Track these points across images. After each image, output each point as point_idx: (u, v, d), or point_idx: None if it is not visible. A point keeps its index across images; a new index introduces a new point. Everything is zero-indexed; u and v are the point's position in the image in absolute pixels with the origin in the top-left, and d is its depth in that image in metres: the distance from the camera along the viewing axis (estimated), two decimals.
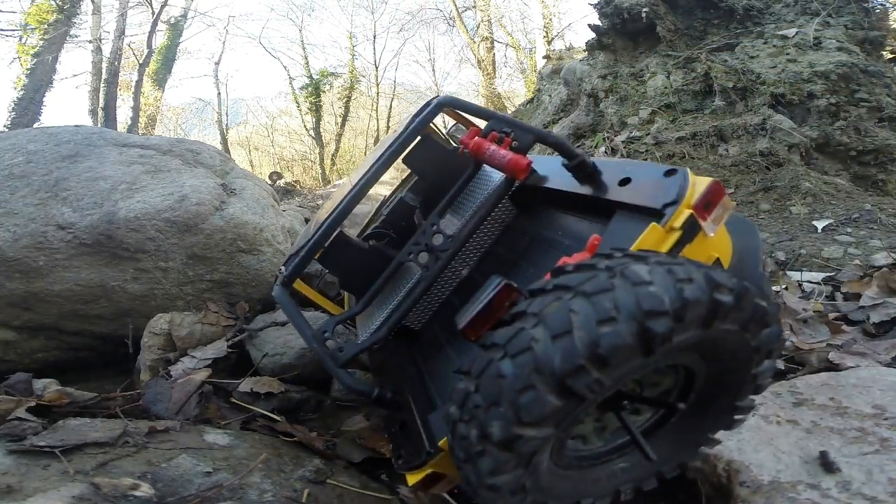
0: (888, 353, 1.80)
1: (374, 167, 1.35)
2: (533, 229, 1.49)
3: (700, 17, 5.85)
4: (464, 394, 0.75)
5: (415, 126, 1.37)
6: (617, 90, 5.88)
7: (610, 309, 0.65)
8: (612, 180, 1.19)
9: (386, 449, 1.61)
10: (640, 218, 1.03)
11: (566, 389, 0.65)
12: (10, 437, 1.31)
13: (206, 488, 1.23)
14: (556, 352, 0.65)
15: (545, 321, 0.68)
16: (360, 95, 22.00)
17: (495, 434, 0.69)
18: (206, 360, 2.07)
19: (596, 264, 0.73)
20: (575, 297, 0.68)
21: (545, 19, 18.29)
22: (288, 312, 1.33)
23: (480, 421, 0.70)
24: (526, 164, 1.29)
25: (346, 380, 1.23)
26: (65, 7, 12.89)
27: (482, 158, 1.35)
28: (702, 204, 0.95)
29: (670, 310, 0.65)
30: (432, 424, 1.08)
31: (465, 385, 0.75)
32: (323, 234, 1.36)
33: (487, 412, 0.69)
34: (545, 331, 0.67)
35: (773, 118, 4.43)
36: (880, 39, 5.01)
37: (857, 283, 2.53)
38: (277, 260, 2.61)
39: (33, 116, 12.50)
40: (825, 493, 0.95)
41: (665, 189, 1.01)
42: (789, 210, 3.61)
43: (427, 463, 1.00)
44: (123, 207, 2.21)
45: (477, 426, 0.71)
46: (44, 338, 2.32)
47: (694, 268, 0.71)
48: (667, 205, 0.96)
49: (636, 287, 0.66)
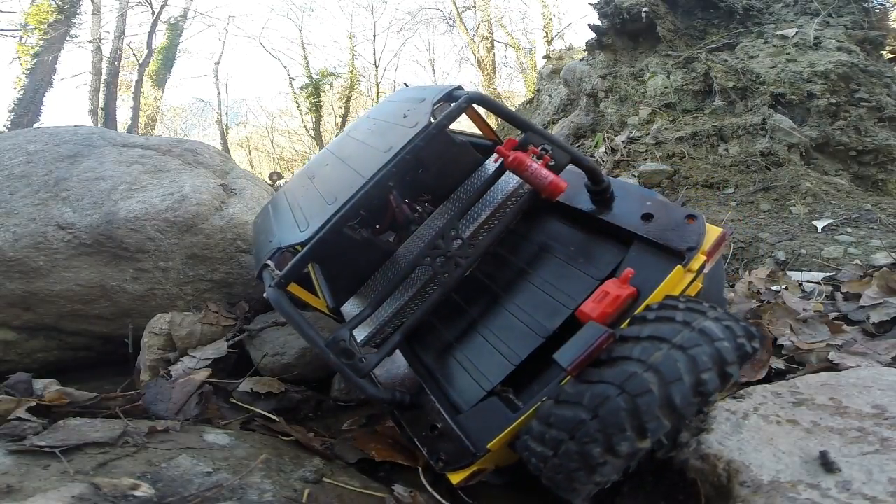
0: (888, 353, 1.80)
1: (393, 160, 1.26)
2: (539, 238, 1.52)
3: (700, 17, 5.85)
4: (576, 421, 0.92)
5: (440, 123, 1.30)
6: (617, 90, 5.88)
7: (706, 361, 0.88)
8: (634, 211, 1.31)
9: (378, 452, 1.60)
10: (660, 254, 1.20)
11: (680, 417, 0.88)
12: (10, 437, 1.31)
13: (206, 488, 1.22)
14: (675, 393, 0.86)
15: (659, 369, 0.89)
16: (360, 95, 22.02)
17: (623, 450, 0.87)
18: (206, 360, 2.07)
19: (673, 317, 0.95)
20: (673, 349, 0.90)
21: (545, 19, 18.30)
22: (289, 317, 1.23)
23: (608, 441, 0.88)
24: (564, 187, 1.31)
25: (370, 391, 1.25)
26: (65, 7, 12.89)
27: (522, 174, 1.31)
28: (712, 251, 1.17)
29: (737, 360, 0.91)
30: (469, 427, 1.18)
31: (576, 413, 0.93)
32: (330, 230, 1.25)
33: (614, 435, 0.87)
34: (658, 376, 0.88)
35: (773, 118, 4.43)
36: (880, 39, 5.01)
37: (857, 282, 2.53)
38: None
39: (33, 116, 12.51)
40: (825, 493, 0.95)
41: (687, 234, 1.18)
42: (789, 210, 3.61)
43: (475, 462, 1.12)
44: (123, 207, 2.21)
45: (602, 445, 0.89)
46: (44, 338, 2.32)
47: (737, 324, 0.95)
48: (689, 249, 1.15)
49: (715, 343, 0.90)
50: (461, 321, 1.48)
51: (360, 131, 1.67)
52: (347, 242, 1.60)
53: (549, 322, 1.29)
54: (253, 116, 24.34)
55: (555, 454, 0.95)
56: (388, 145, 1.32)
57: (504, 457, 1.18)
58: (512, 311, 1.39)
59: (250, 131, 23.97)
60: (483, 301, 1.48)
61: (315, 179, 1.58)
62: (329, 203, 1.30)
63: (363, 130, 1.65)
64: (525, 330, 1.32)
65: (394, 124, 1.45)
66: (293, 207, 1.51)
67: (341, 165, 1.50)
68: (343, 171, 1.44)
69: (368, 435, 1.77)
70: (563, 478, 0.95)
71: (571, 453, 0.92)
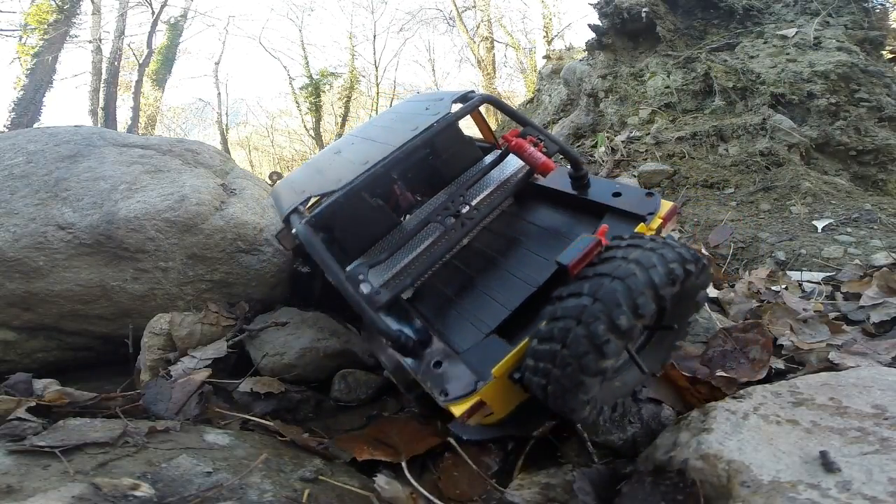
0: (888, 353, 1.80)
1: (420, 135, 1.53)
2: (528, 216, 1.81)
3: (700, 17, 5.85)
4: (581, 307, 1.08)
5: (458, 114, 1.63)
6: (617, 90, 5.88)
7: (673, 258, 1.13)
8: (606, 191, 1.66)
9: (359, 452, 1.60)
10: (628, 218, 1.55)
11: (660, 298, 1.09)
12: (10, 437, 1.31)
13: (206, 488, 1.22)
14: (655, 275, 1.09)
15: (640, 260, 1.11)
16: (360, 95, 22.02)
17: (623, 324, 1.04)
18: (206, 360, 2.07)
19: (643, 237, 1.21)
20: (647, 250, 1.14)
21: (545, 19, 18.31)
22: (317, 252, 1.37)
23: (611, 320, 1.04)
24: (553, 167, 1.64)
25: (380, 324, 1.35)
26: (65, 7, 12.89)
27: (522, 154, 1.64)
28: (668, 216, 1.54)
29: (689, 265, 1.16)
30: (472, 361, 1.30)
31: (578, 302, 1.10)
32: (363, 183, 1.45)
33: (617, 311, 1.04)
34: (639, 266, 1.10)
35: (773, 118, 4.43)
36: (880, 39, 5.01)
37: (857, 282, 2.53)
38: (278, 260, 2.61)
39: (33, 116, 12.51)
40: (825, 493, 0.95)
41: (647, 204, 1.56)
42: (789, 210, 3.61)
43: (478, 390, 1.23)
44: (123, 207, 2.21)
45: (605, 322, 1.05)
46: (44, 338, 2.32)
47: (686, 251, 1.19)
48: (649, 213, 1.51)
49: (676, 248, 1.17)
50: (459, 279, 1.67)
51: (384, 120, 1.91)
52: (362, 208, 1.76)
53: (539, 275, 1.51)
54: (253, 116, 24.36)
55: (563, 345, 1.09)
56: (415, 126, 1.58)
57: (502, 398, 1.30)
58: (506, 268, 1.63)
59: (250, 131, 23.98)
60: (480, 263, 1.70)
61: (342, 154, 1.80)
62: (361, 164, 1.52)
63: (387, 119, 1.90)
64: (518, 283, 1.54)
65: (417, 114, 1.73)
66: (323, 171, 1.71)
67: (369, 142, 1.72)
68: (372, 146, 1.66)
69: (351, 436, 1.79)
70: (570, 370, 1.08)
71: (580, 337, 1.07)
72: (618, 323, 1.04)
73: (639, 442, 1.49)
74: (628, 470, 1.33)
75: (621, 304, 1.05)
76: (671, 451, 1.22)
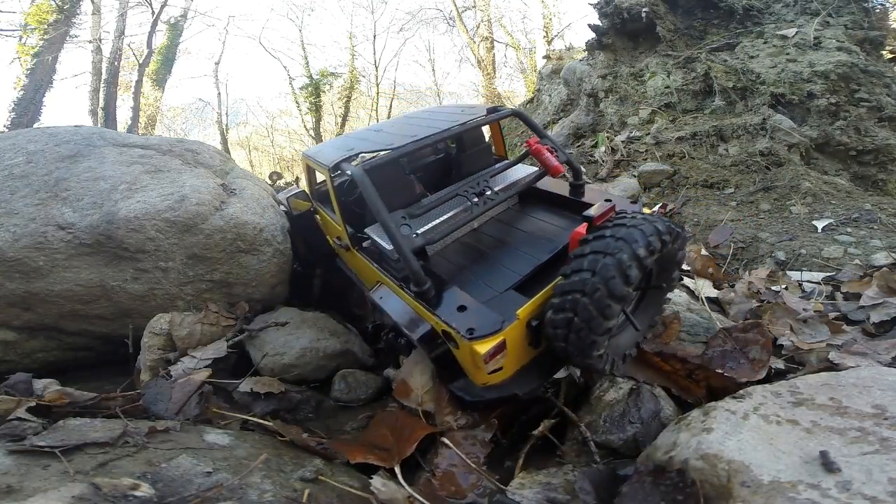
0: (888, 353, 1.80)
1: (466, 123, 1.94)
2: (530, 212, 2.16)
3: (700, 17, 5.85)
4: (584, 280, 1.35)
5: (491, 118, 2.06)
6: (617, 90, 5.88)
7: (651, 233, 1.39)
8: (599, 198, 1.96)
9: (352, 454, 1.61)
10: None
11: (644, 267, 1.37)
12: (10, 437, 1.31)
13: (206, 488, 1.22)
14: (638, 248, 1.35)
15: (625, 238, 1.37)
16: (360, 95, 21.99)
17: (618, 292, 1.32)
18: (206, 360, 2.07)
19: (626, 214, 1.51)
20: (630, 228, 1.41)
21: (545, 19, 18.30)
22: (369, 194, 1.58)
23: (608, 288, 1.32)
24: (563, 170, 1.94)
25: (413, 264, 1.54)
26: (65, 7, 12.88)
27: (539, 157, 1.93)
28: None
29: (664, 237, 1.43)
30: (494, 307, 1.49)
31: (581, 276, 1.36)
32: (413, 147, 1.78)
33: (612, 281, 1.31)
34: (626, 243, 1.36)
35: (773, 118, 4.43)
36: (880, 39, 5.01)
37: (857, 282, 2.53)
38: (278, 260, 2.61)
39: (33, 116, 12.49)
40: (825, 493, 0.95)
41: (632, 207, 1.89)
42: (789, 210, 3.61)
43: (503, 329, 1.41)
44: (123, 207, 2.21)
45: (606, 290, 1.32)
46: (44, 338, 2.32)
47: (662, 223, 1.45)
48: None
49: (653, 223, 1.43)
50: (472, 253, 1.92)
51: (421, 114, 2.27)
52: (397, 176, 1.98)
53: (546, 252, 1.80)
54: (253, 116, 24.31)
55: (575, 314, 1.35)
56: (455, 119, 1.96)
57: (516, 349, 1.50)
58: (514, 246, 1.90)
59: (250, 131, 23.94)
60: (490, 242, 1.98)
61: (384, 131, 2.07)
62: (409, 137, 1.83)
63: (424, 114, 2.25)
64: (526, 256, 1.80)
65: (455, 112, 2.12)
66: (368, 139, 1.99)
67: (412, 126, 2.02)
68: (417, 127, 1.98)
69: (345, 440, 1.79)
70: (583, 333, 1.36)
71: (587, 306, 1.33)
72: (614, 291, 1.32)
73: (639, 442, 1.49)
74: (628, 470, 1.33)
75: (615, 276, 1.32)
76: (671, 451, 1.22)
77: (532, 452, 1.62)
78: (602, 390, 1.69)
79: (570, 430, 1.65)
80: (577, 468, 1.43)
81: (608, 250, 1.35)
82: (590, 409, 1.65)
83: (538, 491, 1.35)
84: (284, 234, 2.72)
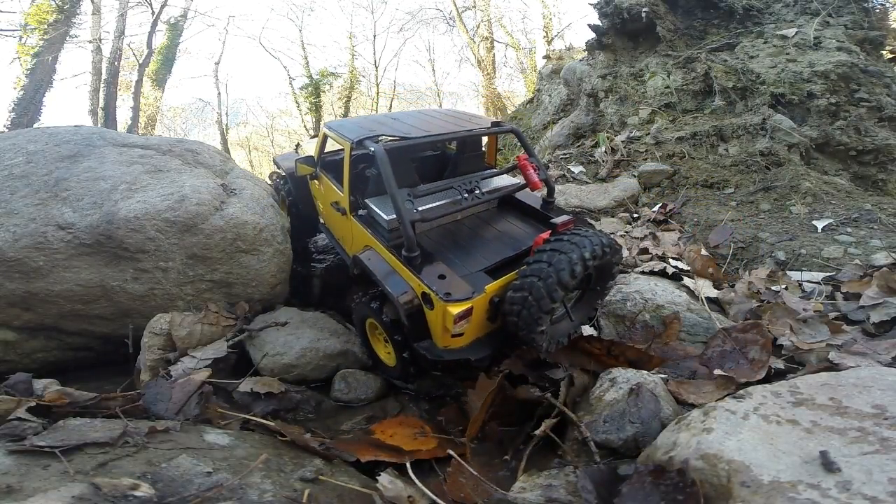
0: (888, 353, 1.80)
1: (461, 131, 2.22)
2: (506, 216, 2.43)
3: (700, 17, 5.85)
4: (541, 269, 1.70)
5: (493, 131, 2.38)
6: (617, 90, 5.88)
7: (597, 244, 1.77)
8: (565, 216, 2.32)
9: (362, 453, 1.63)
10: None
11: (587, 267, 1.74)
12: (10, 437, 1.31)
13: (206, 488, 1.22)
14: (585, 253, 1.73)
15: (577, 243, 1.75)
16: (360, 95, 21.99)
17: (566, 280, 1.67)
18: (206, 360, 2.07)
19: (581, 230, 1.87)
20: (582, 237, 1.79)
21: (545, 19, 18.30)
22: (385, 170, 1.87)
23: (558, 277, 1.66)
24: (541, 187, 2.24)
25: (410, 232, 1.83)
26: (65, 7, 12.88)
27: (524, 172, 2.22)
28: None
29: (606, 248, 1.81)
30: (471, 279, 1.81)
31: (539, 266, 1.71)
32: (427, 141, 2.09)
33: (562, 272, 1.67)
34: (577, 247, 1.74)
35: (773, 118, 4.43)
36: (880, 39, 5.01)
37: (857, 282, 2.53)
38: (278, 260, 2.61)
39: (33, 116, 12.49)
40: (825, 493, 0.95)
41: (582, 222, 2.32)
42: (789, 210, 3.61)
43: (473, 298, 1.71)
44: (123, 207, 2.21)
45: (556, 278, 1.66)
46: (44, 338, 2.32)
47: (606, 238, 1.84)
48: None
49: (599, 237, 1.81)
50: (453, 238, 2.19)
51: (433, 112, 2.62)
52: (404, 163, 2.14)
53: (512, 249, 2.08)
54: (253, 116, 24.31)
55: (529, 293, 1.68)
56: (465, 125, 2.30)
57: (477, 321, 1.79)
58: (489, 239, 2.18)
59: (250, 131, 23.94)
60: (469, 233, 2.25)
61: (399, 120, 2.40)
62: (424, 131, 2.14)
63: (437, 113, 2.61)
64: (498, 250, 2.08)
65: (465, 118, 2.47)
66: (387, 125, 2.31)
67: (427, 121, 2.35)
68: (431, 123, 2.31)
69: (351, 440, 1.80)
70: (532, 309, 1.68)
71: (539, 287, 1.67)
72: (562, 280, 1.66)
73: (639, 442, 1.49)
74: (628, 469, 1.33)
75: (565, 269, 1.67)
76: (671, 451, 1.22)
77: (532, 452, 1.63)
78: (602, 390, 1.69)
79: (570, 430, 1.65)
80: (579, 468, 1.43)
81: (563, 249, 1.72)
82: (590, 409, 1.66)
83: (540, 493, 1.35)
84: (284, 234, 2.72)
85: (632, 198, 4.25)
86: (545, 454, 1.63)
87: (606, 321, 2.38)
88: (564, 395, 1.76)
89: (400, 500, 1.35)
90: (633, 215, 3.97)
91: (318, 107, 20.49)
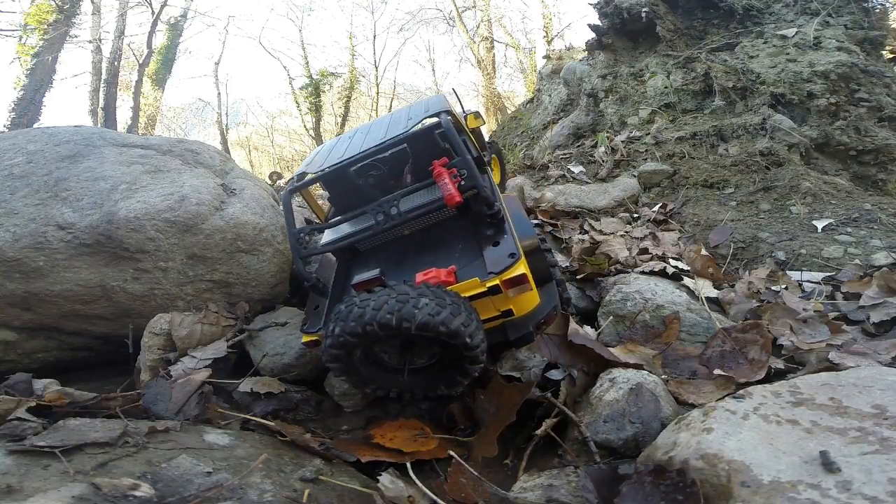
0: (888, 353, 1.80)
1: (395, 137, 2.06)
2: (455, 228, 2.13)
3: (700, 17, 5.85)
4: (353, 308, 1.52)
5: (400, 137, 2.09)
6: (617, 90, 5.88)
7: (397, 309, 1.49)
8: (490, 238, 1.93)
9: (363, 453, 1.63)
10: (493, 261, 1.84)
11: (403, 319, 1.48)
12: (10, 437, 1.31)
13: (206, 488, 1.23)
14: (411, 305, 1.48)
15: (399, 297, 1.52)
16: (360, 95, 22.01)
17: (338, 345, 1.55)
18: (206, 360, 2.07)
19: (414, 289, 1.57)
20: (410, 296, 1.53)
21: (545, 19, 18.31)
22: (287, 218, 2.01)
23: (364, 320, 1.49)
24: (458, 201, 1.84)
25: (301, 270, 1.93)
26: (65, 7, 12.88)
27: (437, 181, 1.90)
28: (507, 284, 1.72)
29: (404, 319, 1.50)
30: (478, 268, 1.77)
31: (353, 304, 1.53)
32: (363, 157, 2.06)
33: (369, 314, 1.48)
34: (396, 299, 1.50)
35: (773, 118, 4.43)
36: (880, 39, 5.01)
37: (857, 282, 2.53)
38: (277, 260, 2.61)
39: (33, 116, 12.50)
40: (825, 492, 0.95)
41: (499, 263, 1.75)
42: (789, 210, 3.61)
43: (318, 333, 1.84)
44: (123, 207, 2.21)
45: (358, 322, 1.49)
46: (44, 338, 2.32)
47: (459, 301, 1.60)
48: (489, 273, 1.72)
49: (412, 300, 1.52)
50: (395, 254, 2.13)
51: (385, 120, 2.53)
52: (343, 181, 2.20)
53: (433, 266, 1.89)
54: (253, 116, 24.35)
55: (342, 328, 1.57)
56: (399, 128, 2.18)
57: None
58: (425, 257, 2.03)
59: (250, 131, 23.97)
60: (412, 247, 2.12)
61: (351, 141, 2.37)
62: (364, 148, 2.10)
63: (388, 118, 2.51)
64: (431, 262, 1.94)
65: (405, 118, 2.31)
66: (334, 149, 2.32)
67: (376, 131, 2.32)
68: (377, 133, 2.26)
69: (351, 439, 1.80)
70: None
71: (347, 326, 1.53)
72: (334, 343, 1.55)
73: (639, 442, 1.49)
74: (628, 469, 1.33)
75: (392, 313, 1.48)
76: (671, 451, 1.22)
77: (533, 452, 1.63)
78: (602, 390, 1.69)
79: (570, 429, 1.65)
80: (579, 468, 1.43)
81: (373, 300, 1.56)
82: (590, 409, 1.66)
83: (540, 493, 1.35)
84: (284, 234, 2.72)
85: (632, 198, 4.24)
86: (546, 454, 1.62)
87: (606, 321, 2.38)
88: (564, 395, 1.76)
89: (400, 501, 1.35)
90: (633, 215, 3.97)
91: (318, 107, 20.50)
